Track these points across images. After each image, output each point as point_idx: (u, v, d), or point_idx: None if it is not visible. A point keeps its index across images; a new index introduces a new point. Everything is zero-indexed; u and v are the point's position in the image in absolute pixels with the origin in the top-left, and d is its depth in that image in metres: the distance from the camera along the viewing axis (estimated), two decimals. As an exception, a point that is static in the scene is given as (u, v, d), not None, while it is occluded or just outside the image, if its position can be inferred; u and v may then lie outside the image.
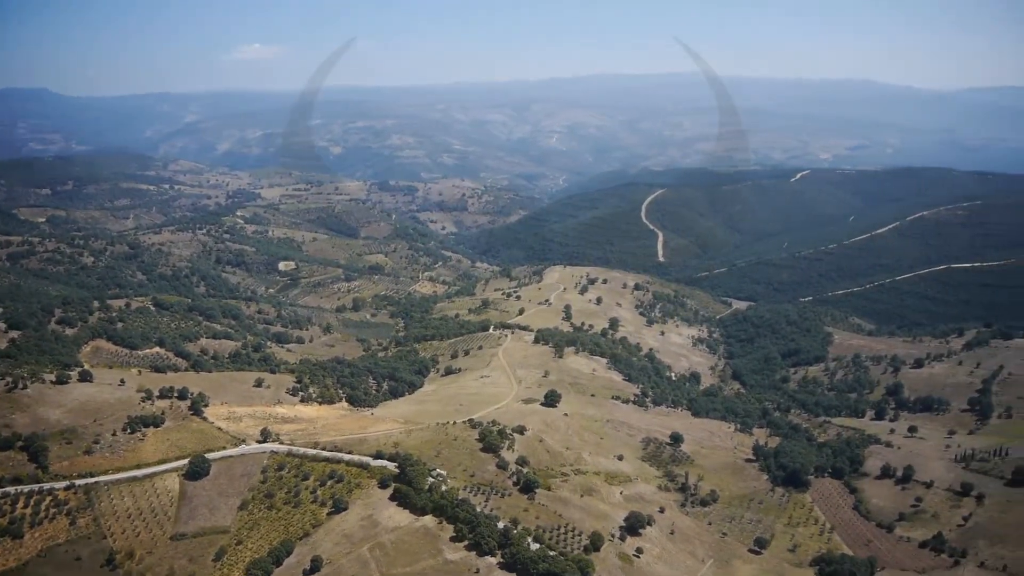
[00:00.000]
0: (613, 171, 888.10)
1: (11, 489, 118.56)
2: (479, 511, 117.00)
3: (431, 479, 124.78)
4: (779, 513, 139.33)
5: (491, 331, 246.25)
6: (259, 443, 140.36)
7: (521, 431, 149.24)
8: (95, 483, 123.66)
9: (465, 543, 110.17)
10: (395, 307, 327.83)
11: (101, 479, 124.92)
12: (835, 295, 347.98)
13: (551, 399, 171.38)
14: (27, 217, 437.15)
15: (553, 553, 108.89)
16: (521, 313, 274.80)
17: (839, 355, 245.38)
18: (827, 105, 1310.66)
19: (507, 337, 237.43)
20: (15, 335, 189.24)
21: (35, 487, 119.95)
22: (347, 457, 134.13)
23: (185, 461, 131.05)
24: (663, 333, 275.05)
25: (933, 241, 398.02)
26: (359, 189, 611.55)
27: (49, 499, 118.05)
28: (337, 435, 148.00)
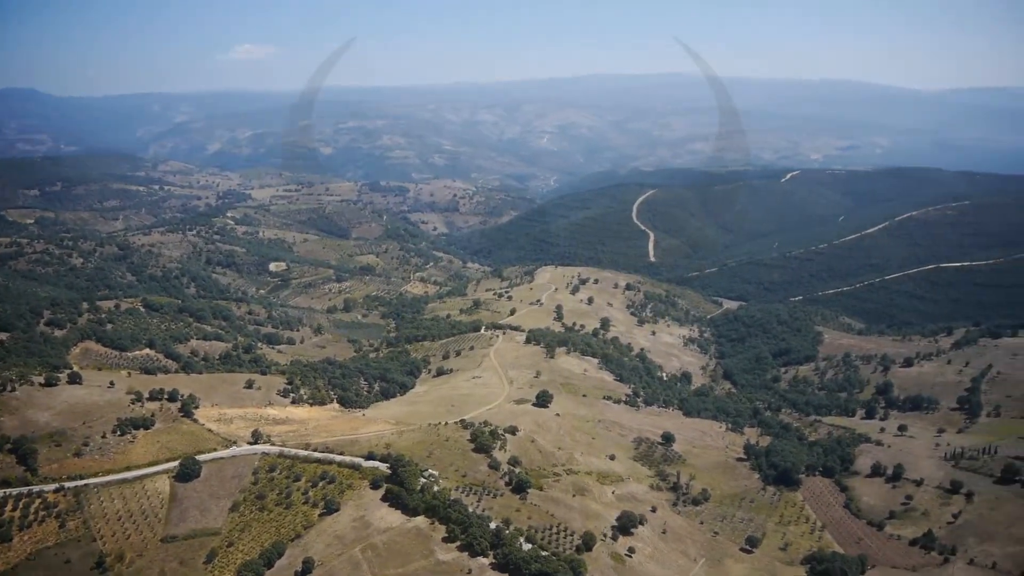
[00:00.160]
0: (604, 171, 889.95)
1: (0, 492, 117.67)
2: (471, 511, 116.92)
3: (423, 480, 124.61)
4: (770, 512, 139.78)
5: (482, 332, 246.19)
6: (250, 445, 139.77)
7: (513, 431, 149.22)
8: (85, 485, 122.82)
9: (457, 544, 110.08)
10: (386, 308, 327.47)
11: (91, 481, 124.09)
12: (825, 295, 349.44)
13: (543, 399, 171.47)
14: (15, 218, 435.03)
15: (545, 553, 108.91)
16: (512, 313, 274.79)
17: (829, 354, 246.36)
18: (817, 105, 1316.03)
19: (499, 337, 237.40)
20: (3, 337, 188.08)
21: (24, 490, 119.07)
22: (339, 458, 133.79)
23: (175, 463, 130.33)
24: (654, 333, 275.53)
25: (922, 241, 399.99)
26: (350, 190, 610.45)
27: (38, 502, 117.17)
28: (328, 436, 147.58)
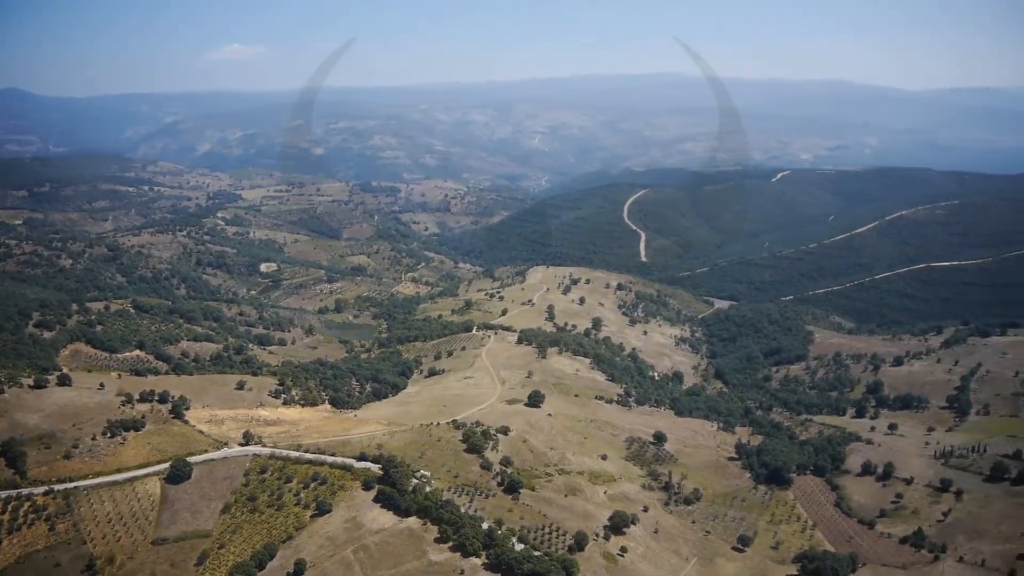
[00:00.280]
0: (595, 171, 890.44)
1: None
2: (463, 512, 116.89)
3: (415, 480, 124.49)
4: (762, 511, 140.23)
5: (474, 332, 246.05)
6: (241, 446, 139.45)
7: (505, 432, 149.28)
8: (74, 488, 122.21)
9: (449, 544, 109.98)
10: (378, 308, 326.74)
11: (80, 484, 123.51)
12: (816, 294, 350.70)
13: (535, 399, 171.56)
14: (3, 219, 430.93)
15: (538, 553, 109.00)
16: (504, 314, 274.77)
17: (820, 354, 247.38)
18: (806, 105, 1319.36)
19: (490, 338, 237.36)
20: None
21: (13, 493, 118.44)
22: (330, 459, 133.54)
23: (166, 465, 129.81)
24: (646, 333, 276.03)
25: (912, 240, 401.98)
26: (341, 190, 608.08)
27: (27, 505, 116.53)
28: (320, 437, 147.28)
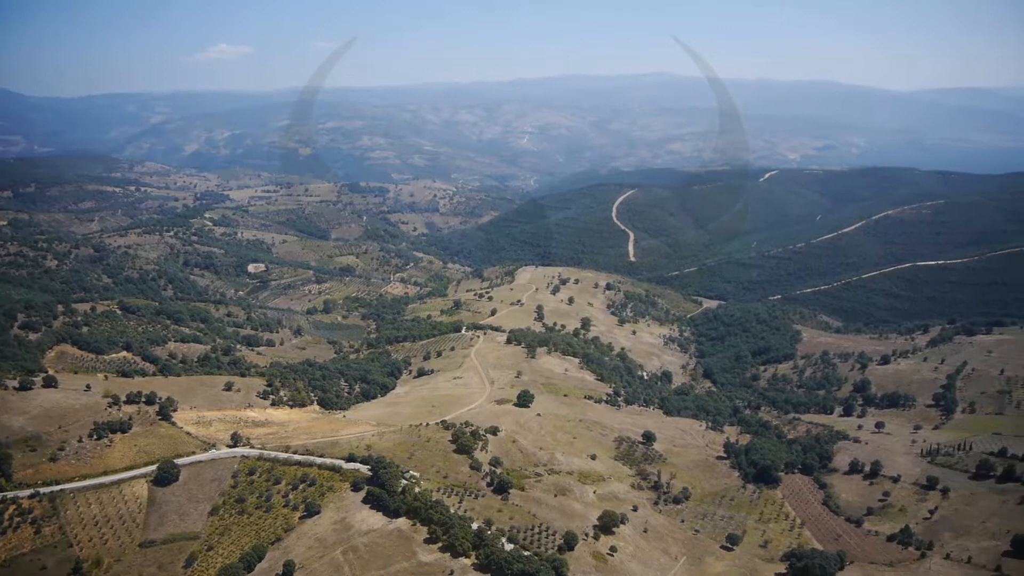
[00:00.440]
0: (584, 171, 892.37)
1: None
2: (453, 512, 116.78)
3: (404, 481, 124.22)
4: (750, 509, 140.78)
5: (463, 332, 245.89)
6: (229, 447, 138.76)
7: (494, 432, 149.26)
8: (60, 491, 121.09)
9: (439, 545, 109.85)
10: (367, 309, 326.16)
11: (67, 487, 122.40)
12: (803, 293, 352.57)
13: (524, 399, 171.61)
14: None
15: (527, 553, 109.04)
16: (493, 314, 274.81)
17: (808, 353, 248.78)
18: (792, 106, 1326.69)
19: (479, 338, 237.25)
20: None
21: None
22: (319, 460, 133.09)
23: (154, 467, 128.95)
24: (635, 332, 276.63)
25: (898, 239, 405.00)
26: (329, 190, 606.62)
27: (12, 508, 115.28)
28: (309, 438, 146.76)
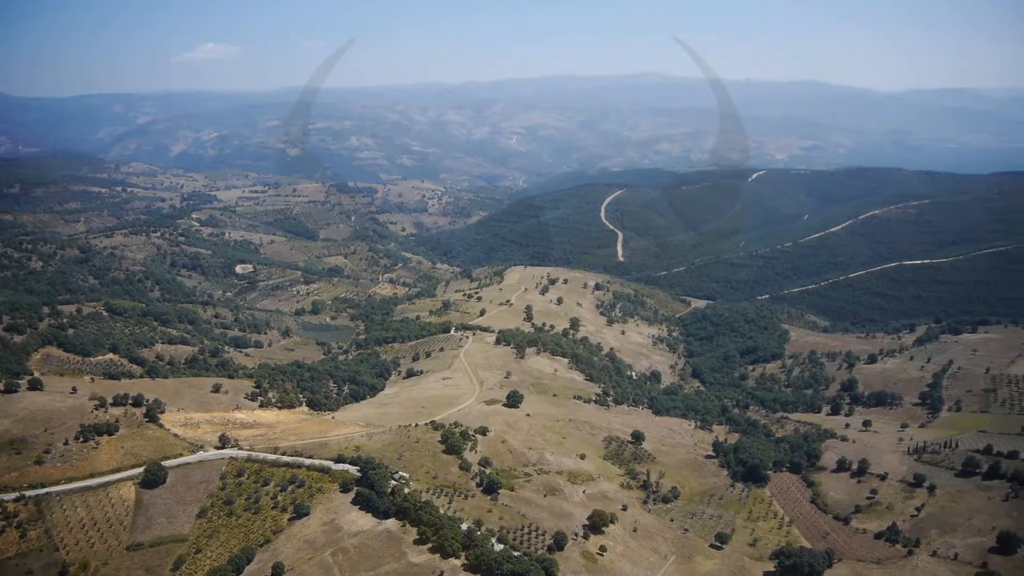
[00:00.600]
0: (572, 172, 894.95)
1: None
2: (442, 513, 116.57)
3: (393, 482, 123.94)
4: (739, 508, 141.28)
5: (452, 333, 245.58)
6: (217, 449, 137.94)
7: (484, 432, 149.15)
8: (46, 494, 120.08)
9: (429, 546, 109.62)
10: (355, 310, 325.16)
11: (53, 490, 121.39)
12: (791, 293, 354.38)
13: (513, 400, 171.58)
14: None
15: (517, 553, 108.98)
16: (482, 314, 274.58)
17: (796, 352, 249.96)
18: (779, 107, 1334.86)
19: (468, 338, 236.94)
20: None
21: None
22: (308, 462, 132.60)
23: (141, 469, 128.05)
24: (624, 332, 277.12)
25: (885, 239, 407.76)
26: (317, 191, 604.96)
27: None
28: (297, 440, 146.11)
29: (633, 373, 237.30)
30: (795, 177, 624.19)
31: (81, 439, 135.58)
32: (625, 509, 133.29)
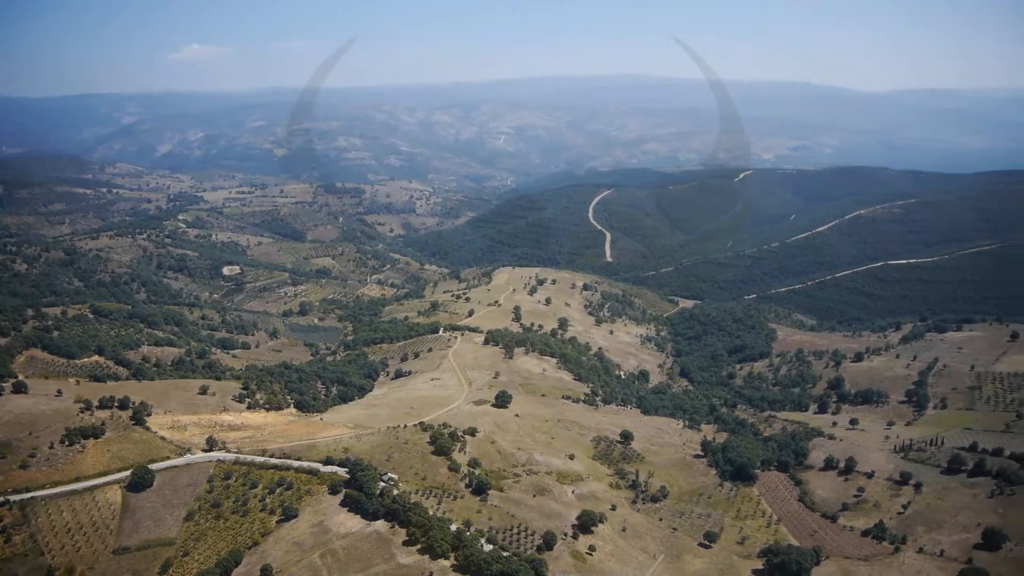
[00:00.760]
0: (560, 172, 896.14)
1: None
2: (431, 514, 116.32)
3: (382, 483, 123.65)
4: (727, 507, 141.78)
5: (441, 333, 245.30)
6: (205, 452, 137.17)
7: (472, 433, 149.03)
8: (31, 498, 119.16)
9: (418, 547, 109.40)
10: (343, 311, 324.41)
11: (38, 494, 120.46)
12: (778, 292, 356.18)
13: (502, 400, 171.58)
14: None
15: (506, 554, 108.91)
16: (471, 315, 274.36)
17: (783, 351, 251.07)
18: (766, 107, 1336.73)
19: (457, 339, 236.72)
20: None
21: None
22: (296, 464, 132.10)
23: (127, 472, 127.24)
24: (612, 332, 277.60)
25: (870, 238, 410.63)
26: (305, 192, 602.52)
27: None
28: (285, 442, 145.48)
29: (621, 373, 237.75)
30: (782, 177, 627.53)
31: (67, 442, 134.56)
32: (614, 509, 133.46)
